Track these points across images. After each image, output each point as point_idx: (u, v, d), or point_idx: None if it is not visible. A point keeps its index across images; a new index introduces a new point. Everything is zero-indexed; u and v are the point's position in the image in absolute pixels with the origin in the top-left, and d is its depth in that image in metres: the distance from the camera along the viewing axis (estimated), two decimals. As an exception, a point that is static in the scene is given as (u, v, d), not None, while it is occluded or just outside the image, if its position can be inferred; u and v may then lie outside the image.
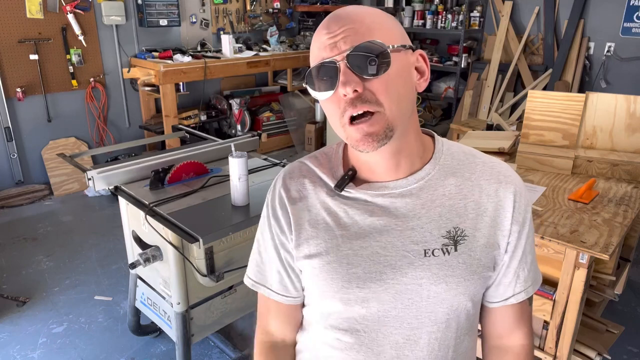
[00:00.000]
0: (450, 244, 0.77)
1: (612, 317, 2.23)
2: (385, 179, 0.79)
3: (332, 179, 0.82)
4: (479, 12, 4.93)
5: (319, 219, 0.81)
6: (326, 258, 0.79)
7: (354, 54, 0.68)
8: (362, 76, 0.69)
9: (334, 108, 0.72)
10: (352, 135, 0.71)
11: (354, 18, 0.71)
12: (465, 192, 0.79)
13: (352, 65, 0.68)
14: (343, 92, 0.69)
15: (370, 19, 0.72)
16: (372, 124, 0.70)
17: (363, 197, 0.79)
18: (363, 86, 0.69)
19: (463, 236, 0.77)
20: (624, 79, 4.25)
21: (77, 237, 3.37)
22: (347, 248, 0.78)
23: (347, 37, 0.69)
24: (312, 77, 0.73)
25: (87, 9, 4.00)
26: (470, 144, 2.40)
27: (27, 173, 4.04)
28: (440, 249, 0.76)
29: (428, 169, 0.79)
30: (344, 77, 0.68)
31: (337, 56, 0.69)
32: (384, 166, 0.78)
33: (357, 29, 0.70)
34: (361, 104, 0.69)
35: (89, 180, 1.88)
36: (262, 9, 5.29)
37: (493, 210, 0.79)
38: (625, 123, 2.05)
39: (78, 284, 2.82)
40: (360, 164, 0.81)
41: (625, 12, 4.12)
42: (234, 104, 4.83)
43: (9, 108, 3.81)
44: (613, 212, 1.74)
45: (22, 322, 2.50)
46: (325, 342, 0.84)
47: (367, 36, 0.69)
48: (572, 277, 1.59)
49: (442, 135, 4.11)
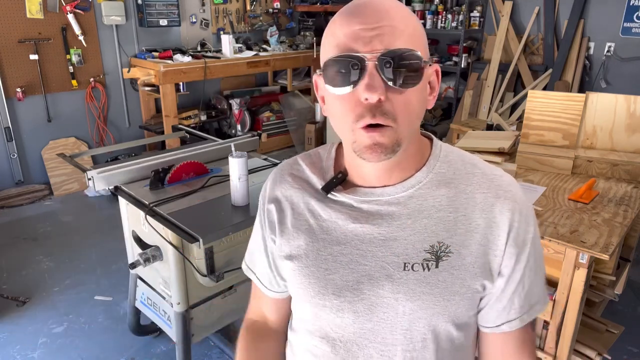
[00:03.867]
0: (432, 260, 0.71)
1: (612, 317, 2.23)
2: (375, 183, 0.75)
3: (321, 180, 0.79)
4: (479, 12, 4.93)
5: (302, 221, 0.78)
6: (305, 261, 0.76)
7: (389, 58, 0.61)
8: (390, 85, 0.62)
9: (347, 108, 0.65)
10: (361, 141, 0.66)
11: (393, 15, 0.64)
12: (457, 204, 0.73)
13: (382, 69, 0.62)
14: (366, 96, 0.62)
15: (411, 23, 0.65)
16: (384, 135, 0.64)
17: (349, 202, 0.75)
18: (386, 95, 0.63)
19: (447, 252, 0.71)
20: (624, 79, 4.25)
21: (77, 237, 3.37)
22: (326, 253, 0.75)
23: (384, 35, 0.62)
24: (329, 67, 0.65)
25: (87, 9, 4.01)
26: (470, 144, 2.40)
27: (27, 173, 4.04)
28: (420, 264, 0.71)
29: (419, 176, 0.74)
30: (370, 79, 0.62)
31: (368, 54, 0.62)
32: (376, 174, 0.74)
33: (397, 29, 0.63)
34: (380, 115, 0.63)
35: (89, 180, 1.88)
36: (262, 9, 5.29)
37: (485, 228, 0.71)
38: (625, 123, 2.05)
39: (78, 284, 2.82)
40: (352, 168, 0.76)
41: (625, 12, 4.11)
42: (234, 104, 4.84)
43: (8, 108, 3.81)
44: (613, 212, 1.74)
45: (22, 322, 2.50)
46: (307, 348, 0.82)
47: (405, 42, 0.63)
48: (572, 277, 1.59)
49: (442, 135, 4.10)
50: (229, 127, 4.96)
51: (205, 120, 4.67)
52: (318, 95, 0.74)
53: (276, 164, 2.21)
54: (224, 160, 2.19)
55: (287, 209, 0.80)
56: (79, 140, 4.25)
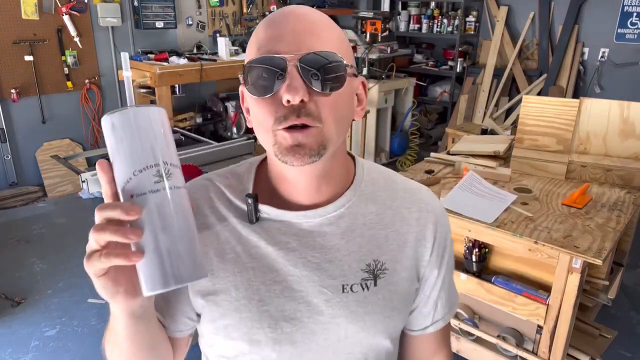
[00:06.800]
0: (370, 279, 0.70)
1: (606, 321, 2.24)
2: (303, 201, 0.70)
3: (242, 202, 0.72)
4: (474, 17, 4.95)
5: (227, 248, 0.70)
6: (235, 294, 0.69)
7: (310, 60, 0.60)
8: (312, 87, 0.61)
9: (268, 111, 0.62)
10: (282, 142, 0.62)
11: (316, 19, 0.64)
12: (387, 221, 0.73)
13: (304, 71, 0.60)
14: (288, 98, 0.59)
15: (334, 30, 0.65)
16: (307, 135, 0.61)
17: (277, 226, 0.70)
18: (310, 97, 0.61)
19: (383, 270, 0.71)
20: (617, 85, 4.28)
21: (71, 240, 3.35)
22: (258, 282, 0.69)
23: (306, 38, 0.61)
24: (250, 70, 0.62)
25: (82, 10, 3.99)
26: (465, 147, 2.41)
27: (20, 175, 4.01)
28: (359, 284, 0.69)
29: (349, 195, 0.72)
30: (291, 80, 0.59)
31: (289, 55, 0.60)
32: (304, 187, 0.69)
33: (319, 33, 0.62)
34: (304, 115, 0.60)
35: (83, 182, 1.87)
36: (259, 12, 5.30)
37: (414, 241, 0.73)
38: (619, 129, 2.06)
39: (71, 287, 2.80)
40: (279, 182, 0.71)
41: (619, 18, 4.15)
42: (230, 106, 4.83)
43: (3, 109, 3.79)
44: (606, 217, 1.75)
45: (15, 324, 2.48)
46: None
47: (327, 45, 0.62)
48: (566, 281, 1.59)
49: (438, 139, 4.13)
50: (225, 130, 4.96)
51: (201, 122, 4.66)
52: (243, 107, 0.70)
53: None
54: (219, 163, 2.18)
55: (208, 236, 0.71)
56: (74, 142, 4.23)
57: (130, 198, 0.52)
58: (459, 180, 1.96)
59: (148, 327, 0.66)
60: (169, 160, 0.55)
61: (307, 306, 0.69)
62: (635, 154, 2.06)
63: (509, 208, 1.80)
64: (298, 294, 0.69)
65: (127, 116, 0.54)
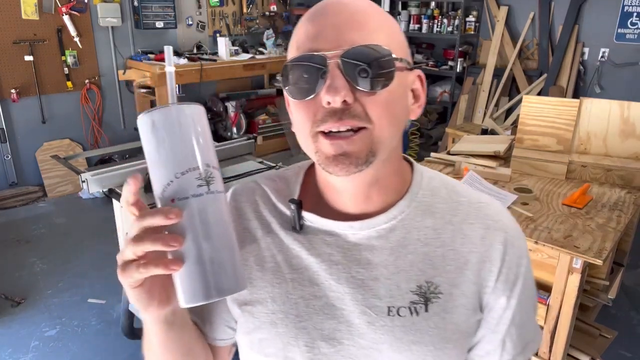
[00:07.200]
0: (420, 302, 0.61)
1: (606, 321, 2.23)
2: (351, 210, 0.64)
3: (287, 208, 0.67)
4: (474, 17, 4.95)
5: (267, 257, 0.66)
6: (271, 306, 0.64)
7: (353, 56, 0.54)
8: (357, 87, 0.55)
9: (307, 115, 0.57)
10: (323, 151, 0.57)
11: (359, 8, 0.57)
12: (445, 238, 0.64)
13: (347, 69, 0.54)
14: (328, 100, 0.54)
15: (379, 16, 0.58)
16: (353, 142, 0.55)
17: (321, 236, 0.65)
18: (354, 97, 0.54)
19: (437, 293, 0.62)
20: (617, 85, 4.28)
21: (71, 240, 3.35)
22: (297, 296, 0.64)
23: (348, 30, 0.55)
24: (288, 71, 0.58)
25: (82, 10, 3.99)
26: (465, 147, 2.41)
27: (20, 175, 4.01)
28: (407, 308, 0.61)
29: (402, 206, 0.64)
30: (332, 80, 0.54)
31: (328, 52, 0.54)
32: (352, 195, 0.63)
33: (363, 24, 0.56)
34: (348, 118, 0.54)
35: (83, 182, 1.87)
36: (259, 12, 5.30)
37: (477, 263, 0.63)
38: (619, 129, 2.06)
39: (71, 287, 2.80)
40: (325, 189, 0.66)
41: (619, 18, 4.15)
42: (230, 106, 4.83)
43: (3, 109, 3.79)
44: (607, 217, 1.75)
45: (15, 325, 2.48)
46: None
47: (372, 37, 0.55)
48: (566, 282, 1.59)
49: (438, 139, 4.12)
50: (225, 130, 4.96)
51: (201, 122, 4.67)
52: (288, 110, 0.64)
53: (272, 167, 2.21)
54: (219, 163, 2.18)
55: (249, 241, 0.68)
56: (74, 142, 4.23)
57: (170, 203, 0.49)
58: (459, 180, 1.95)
59: (182, 334, 0.64)
60: (210, 162, 0.51)
61: (347, 326, 0.62)
62: (635, 154, 2.05)
63: (509, 208, 1.80)
64: (339, 312, 0.62)
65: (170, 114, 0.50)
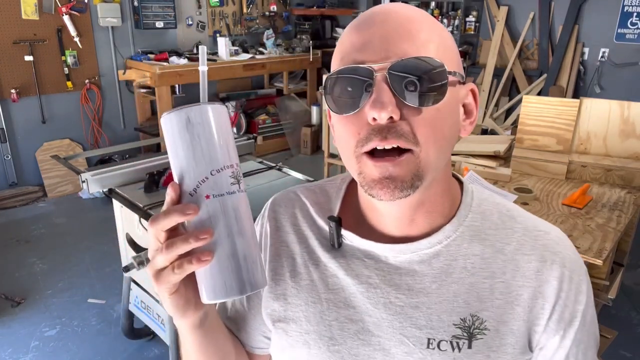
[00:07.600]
0: (464, 337, 0.57)
1: (606, 321, 2.23)
2: (393, 232, 0.61)
3: (326, 223, 0.65)
4: (474, 17, 4.95)
5: (303, 273, 0.64)
6: (305, 326, 0.62)
7: (401, 68, 0.50)
8: (405, 102, 0.50)
9: (350, 132, 0.53)
10: (368, 173, 0.53)
11: (409, 18, 0.53)
12: (494, 268, 0.58)
13: (395, 83, 0.50)
14: (374, 115, 0.50)
15: (431, 27, 0.54)
16: (399, 164, 0.51)
17: (359, 256, 0.62)
18: (401, 114, 0.50)
19: (482, 329, 0.57)
20: (617, 85, 4.28)
21: (71, 240, 3.35)
22: (332, 318, 0.61)
23: (396, 42, 0.51)
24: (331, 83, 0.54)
25: (82, 10, 3.99)
26: (465, 147, 2.40)
27: (20, 175, 4.01)
28: (448, 342, 0.57)
29: (448, 230, 0.60)
30: (378, 94, 0.50)
31: (375, 64, 0.50)
32: (395, 219, 0.60)
33: (413, 35, 0.51)
34: (394, 137, 0.50)
35: (82, 182, 1.87)
36: (259, 12, 5.30)
37: (529, 299, 0.57)
38: (619, 129, 2.06)
39: (71, 287, 2.80)
40: (367, 209, 0.63)
41: (619, 18, 4.15)
42: (230, 106, 4.83)
43: (3, 109, 3.79)
44: (607, 217, 1.75)
45: (15, 325, 2.48)
46: None
47: (423, 48, 0.51)
48: (566, 281, 1.59)
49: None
50: (225, 130, 4.96)
51: (201, 122, 4.67)
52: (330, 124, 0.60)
53: (271, 167, 2.21)
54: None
55: (285, 255, 0.66)
56: (74, 142, 4.23)
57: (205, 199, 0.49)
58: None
59: (216, 339, 0.63)
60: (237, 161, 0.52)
61: (384, 355, 0.58)
62: (635, 154, 2.05)
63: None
64: (375, 339, 0.59)
65: (205, 111, 0.50)
